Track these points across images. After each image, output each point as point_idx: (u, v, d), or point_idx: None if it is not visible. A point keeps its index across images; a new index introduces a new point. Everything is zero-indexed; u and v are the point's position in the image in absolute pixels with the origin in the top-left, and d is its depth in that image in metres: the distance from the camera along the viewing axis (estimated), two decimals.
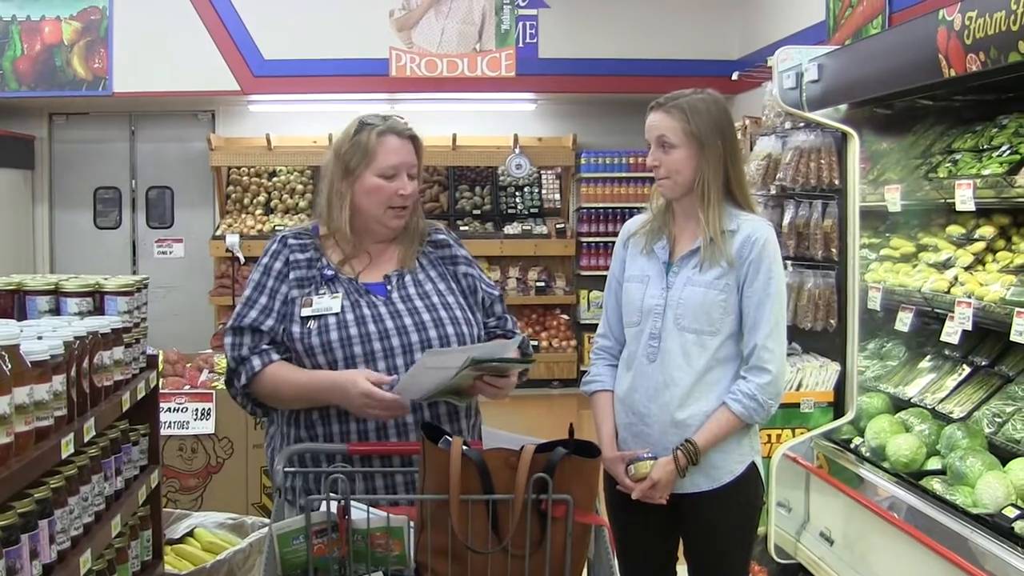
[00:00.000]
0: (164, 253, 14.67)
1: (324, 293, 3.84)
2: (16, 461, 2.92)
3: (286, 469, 3.64)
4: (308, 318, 3.81)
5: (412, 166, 3.93)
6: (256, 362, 3.80)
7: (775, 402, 4.13)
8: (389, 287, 3.90)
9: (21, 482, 2.95)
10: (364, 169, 3.88)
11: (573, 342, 13.97)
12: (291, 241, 3.98)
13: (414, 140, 3.96)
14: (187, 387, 7.17)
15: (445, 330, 3.84)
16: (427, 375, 3.50)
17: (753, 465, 4.23)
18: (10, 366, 2.89)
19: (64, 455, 3.29)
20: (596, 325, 4.64)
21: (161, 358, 6.27)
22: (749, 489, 4.23)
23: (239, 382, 3.85)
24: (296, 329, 3.81)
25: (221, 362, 7.61)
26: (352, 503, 3.19)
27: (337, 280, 3.88)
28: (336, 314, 3.79)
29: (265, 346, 3.82)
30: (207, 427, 6.99)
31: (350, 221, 3.93)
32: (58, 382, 3.24)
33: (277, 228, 13.51)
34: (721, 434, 4.11)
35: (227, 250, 13.03)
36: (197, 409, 7.01)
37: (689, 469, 4.11)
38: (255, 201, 14.26)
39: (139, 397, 4.34)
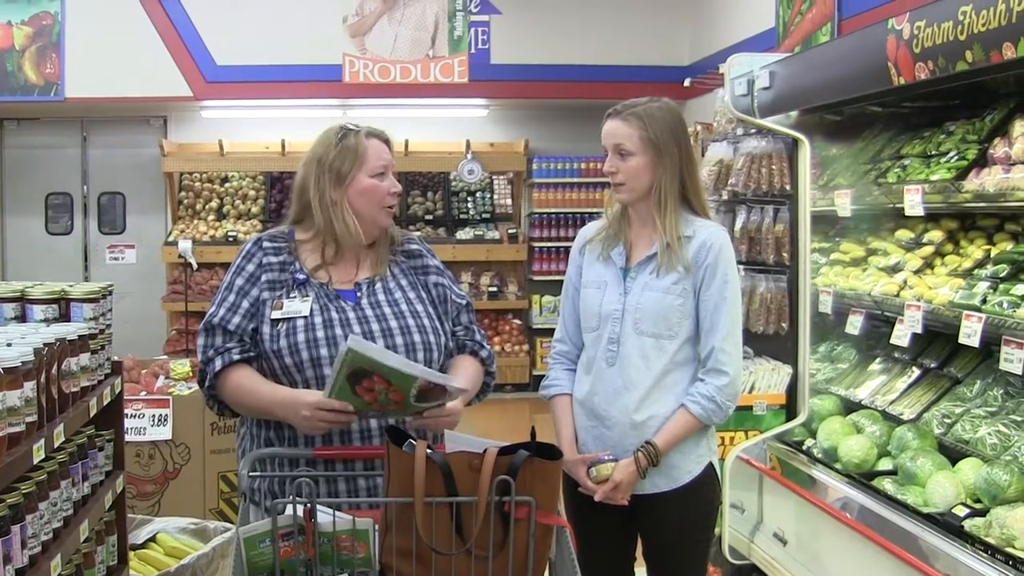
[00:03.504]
0: (116, 259, 14.61)
1: (295, 296, 3.88)
2: None
3: (251, 473, 3.67)
4: (278, 320, 3.85)
5: (394, 166, 4.04)
6: (217, 363, 3.84)
7: (732, 403, 4.20)
8: (359, 293, 3.94)
9: None
10: (357, 172, 3.93)
11: (525, 347, 14.00)
12: (266, 244, 4.02)
13: (390, 142, 4.07)
14: (143, 393, 7.16)
15: (412, 337, 3.88)
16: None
17: (711, 466, 4.29)
18: None
19: (36, 461, 3.32)
20: (548, 330, 4.70)
21: None
22: (707, 489, 4.29)
23: (204, 383, 3.89)
24: (266, 331, 3.84)
25: (177, 368, 7.61)
26: (318, 506, 3.23)
27: (308, 284, 3.91)
28: (304, 317, 3.83)
29: (229, 345, 3.86)
30: (164, 433, 6.99)
31: (339, 226, 3.97)
32: (29, 388, 3.26)
33: (230, 234, 13.51)
34: (680, 435, 4.17)
35: (179, 256, 13.04)
36: (154, 415, 7.00)
37: (649, 470, 4.18)
38: (207, 207, 14.21)
39: (105, 403, 4.36)
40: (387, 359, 3.41)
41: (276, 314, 3.85)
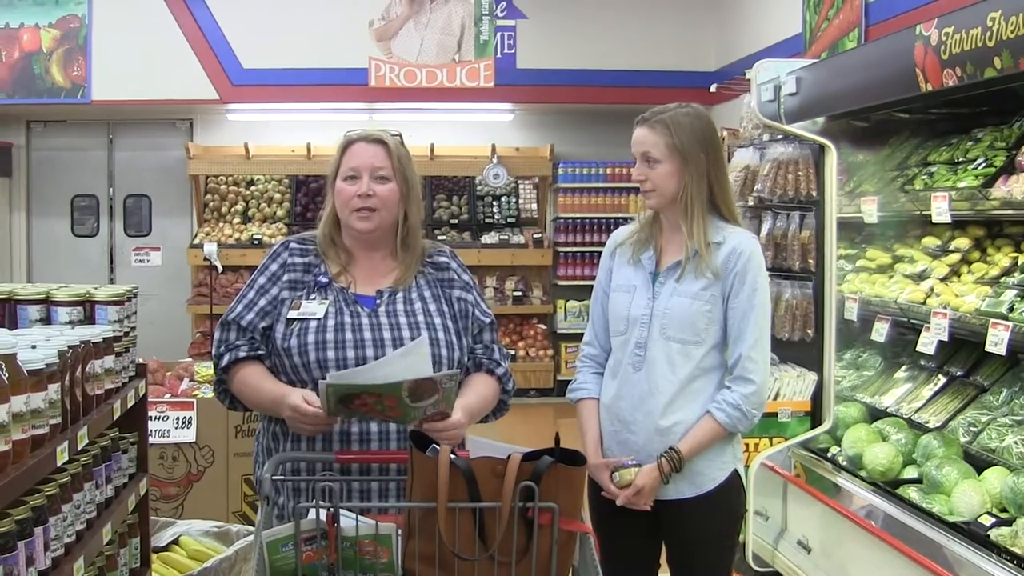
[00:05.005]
0: (141, 261, 14.61)
1: (314, 298, 3.90)
2: (14, 469, 2.94)
3: (273, 477, 3.67)
4: (293, 320, 3.87)
5: (378, 168, 3.94)
6: (225, 358, 3.89)
7: (758, 412, 4.18)
8: (378, 301, 3.93)
9: (18, 489, 2.97)
10: (336, 177, 3.98)
11: (550, 351, 13.95)
12: (292, 245, 4.05)
13: (386, 144, 3.99)
14: (168, 396, 7.17)
15: None
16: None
17: (736, 473, 4.27)
18: (7, 375, 2.91)
19: (59, 463, 3.32)
20: (573, 335, 4.66)
21: None
22: (731, 497, 4.27)
23: (215, 377, 3.96)
24: (280, 329, 3.87)
25: (201, 371, 7.62)
26: (341, 511, 3.22)
27: (329, 288, 3.93)
28: (318, 319, 3.85)
29: (240, 342, 3.90)
30: (188, 436, 7.00)
31: (340, 231, 4.04)
32: (53, 391, 3.26)
33: (255, 237, 13.52)
34: (705, 442, 4.16)
35: (205, 259, 13.06)
36: (178, 418, 7.01)
37: (672, 476, 4.16)
38: (233, 210, 14.21)
39: (129, 405, 4.36)
40: (367, 380, 3.41)
41: (292, 314, 3.88)
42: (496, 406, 4.11)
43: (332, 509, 3.19)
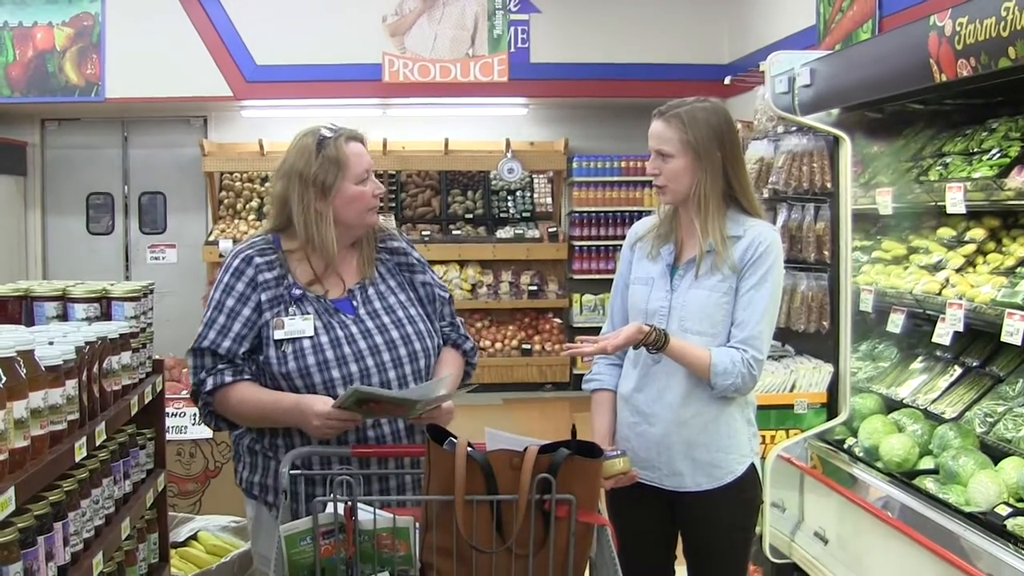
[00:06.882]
0: (157, 259, 14.66)
1: (295, 314, 3.86)
2: (32, 464, 2.96)
3: (291, 471, 3.68)
4: (282, 341, 3.84)
5: (372, 165, 4.01)
6: (208, 383, 3.86)
7: (745, 385, 4.10)
8: (355, 303, 3.94)
9: (37, 485, 2.99)
10: (342, 181, 3.90)
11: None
12: (257, 260, 3.95)
13: (364, 143, 4.03)
14: (185, 392, 7.17)
15: (413, 346, 3.94)
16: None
17: (753, 467, 4.26)
18: (25, 371, 2.92)
19: (77, 459, 3.33)
20: (588, 328, 4.65)
21: None
22: (748, 489, 4.27)
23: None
24: (272, 353, 3.84)
25: None
26: (359, 504, 3.24)
27: (306, 299, 3.91)
28: (311, 337, 3.84)
29: (221, 366, 3.87)
30: (205, 432, 7.01)
31: (318, 239, 3.94)
32: (71, 387, 3.28)
33: None
34: (689, 358, 4.09)
35: (220, 255, 13.07)
36: (195, 414, 7.00)
37: (649, 354, 4.18)
38: (248, 206, 14.24)
39: (146, 401, 4.37)
40: (389, 393, 3.61)
41: (279, 334, 3.84)
42: (460, 378, 4.16)
43: (350, 503, 3.20)
